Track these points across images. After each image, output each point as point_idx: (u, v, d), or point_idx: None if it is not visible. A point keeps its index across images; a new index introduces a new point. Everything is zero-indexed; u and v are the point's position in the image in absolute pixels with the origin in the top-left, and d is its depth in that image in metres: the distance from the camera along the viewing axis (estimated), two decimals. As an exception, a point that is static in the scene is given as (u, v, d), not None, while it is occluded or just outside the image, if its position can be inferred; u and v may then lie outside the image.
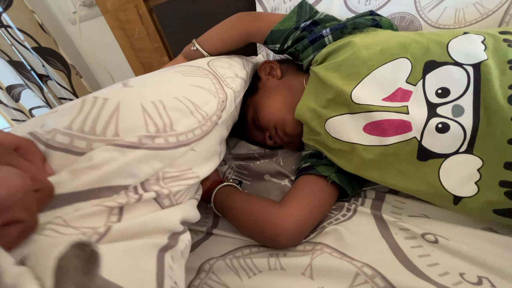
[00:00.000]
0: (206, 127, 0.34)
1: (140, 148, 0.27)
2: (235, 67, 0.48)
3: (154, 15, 0.88)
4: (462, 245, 0.30)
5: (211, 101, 0.37)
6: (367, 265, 0.31)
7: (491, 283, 0.27)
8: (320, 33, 0.48)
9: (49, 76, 0.96)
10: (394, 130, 0.35)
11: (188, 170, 0.32)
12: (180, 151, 0.30)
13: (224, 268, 0.35)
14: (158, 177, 0.28)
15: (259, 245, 0.38)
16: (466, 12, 0.56)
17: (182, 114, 0.32)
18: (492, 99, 0.29)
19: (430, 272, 0.29)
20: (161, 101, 0.31)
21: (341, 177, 0.43)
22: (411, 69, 0.36)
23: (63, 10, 0.97)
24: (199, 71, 0.42)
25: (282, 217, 0.37)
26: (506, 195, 0.28)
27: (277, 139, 0.53)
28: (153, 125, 0.29)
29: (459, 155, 0.31)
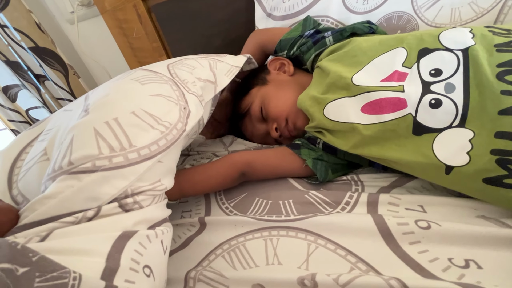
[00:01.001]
0: (172, 136, 0.35)
1: (96, 171, 0.28)
2: (198, 70, 0.47)
3: (152, 15, 0.91)
4: (452, 230, 0.32)
5: (172, 109, 0.37)
6: (361, 260, 0.33)
7: (477, 264, 0.29)
8: (322, 35, 0.56)
9: (46, 76, 0.98)
10: (391, 108, 0.39)
11: (157, 182, 0.33)
12: (145, 165, 0.31)
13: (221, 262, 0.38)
14: (127, 194, 0.30)
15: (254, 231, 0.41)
16: (462, 11, 0.59)
17: (140, 129, 0.33)
18: (483, 75, 0.34)
19: (421, 259, 0.31)
20: (116, 119, 0.32)
21: (317, 163, 0.48)
22: (407, 55, 0.41)
23: (60, 10, 1.00)
24: (157, 77, 0.41)
25: (236, 155, 0.49)
26: (496, 163, 0.31)
27: (285, 131, 0.56)
28: (107, 147, 0.30)
29: (452, 129, 0.34)
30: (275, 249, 0.37)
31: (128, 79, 0.40)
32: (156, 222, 0.33)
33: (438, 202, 0.38)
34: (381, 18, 0.67)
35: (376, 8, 0.68)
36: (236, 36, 0.89)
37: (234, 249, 0.39)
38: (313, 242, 0.37)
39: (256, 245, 0.39)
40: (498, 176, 0.31)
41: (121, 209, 0.29)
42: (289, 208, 0.43)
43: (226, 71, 0.52)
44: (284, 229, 0.40)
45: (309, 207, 0.43)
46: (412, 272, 0.31)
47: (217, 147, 0.68)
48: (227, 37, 0.90)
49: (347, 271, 0.33)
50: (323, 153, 0.49)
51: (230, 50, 0.92)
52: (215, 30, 0.89)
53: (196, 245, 0.42)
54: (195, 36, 0.91)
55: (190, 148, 0.72)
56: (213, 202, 0.50)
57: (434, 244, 0.32)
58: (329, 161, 0.49)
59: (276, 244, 0.38)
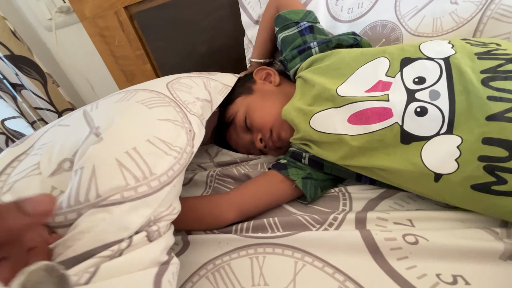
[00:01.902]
0: (184, 160, 0.36)
1: (125, 202, 0.29)
2: (195, 89, 0.49)
3: (135, 22, 0.90)
4: (440, 243, 0.32)
5: (180, 133, 0.38)
6: (349, 279, 0.33)
7: (465, 280, 0.30)
8: (308, 45, 0.56)
9: (23, 85, 0.95)
10: (377, 117, 0.39)
11: (171, 206, 0.34)
12: (165, 191, 0.32)
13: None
14: (150, 222, 0.31)
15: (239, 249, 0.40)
16: (443, 21, 0.60)
17: (157, 156, 0.34)
18: (468, 81, 0.34)
19: (408, 275, 0.31)
20: (134, 149, 0.33)
21: (307, 182, 0.47)
22: (389, 65, 0.42)
23: (38, 17, 0.97)
24: (160, 99, 0.42)
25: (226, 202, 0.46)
26: (484, 169, 0.31)
27: (269, 142, 0.56)
28: (132, 177, 0.30)
29: (440, 136, 0.34)
30: (261, 268, 0.37)
31: (133, 102, 0.40)
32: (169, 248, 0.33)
33: (426, 216, 0.38)
34: (366, 27, 0.69)
35: (361, 16, 0.70)
36: (221, 43, 0.89)
37: (219, 269, 0.38)
38: (300, 259, 0.36)
39: (242, 264, 0.38)
40: (486, 182, 0.32)
41: (147, 238, 0.30)
42: (274, 226, 0.42)
43: (219, 90, 0.54)
44: (270, 246, 0.39)
45: (295, 224, 0.42)
46: (400, 290, 0.31)
47: (203, 159, 0.68)
48: (212, 45, 0.90)
49: (335, 290, 0.32)
50: (311, 170, 0.49)
51: (215, 57, 0.92)
52: (199, 37, 0.89)
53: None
54: (179, 43, 0.91)
55: None
56: None
57: (422, 259, 0.32)
58: (318, 179, 0.48)
59: (262, 263, 0.37)
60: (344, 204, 0.46)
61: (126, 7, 0.87)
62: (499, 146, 0.31)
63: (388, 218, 0.39)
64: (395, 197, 0.44)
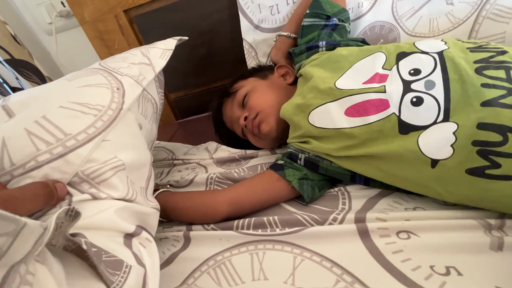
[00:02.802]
0: (108, 116, 0.39)
1: (42, 165, 0.32)
2: (131, 58, 0.52)
3: (134, 26, 0.92)
4: (433, 237, 0.34)
5: (102, 93, 0.41)
6: (346, 272, 0.35)
7: (457, 271, 0.31)
8: (317, 44, 0.59)
9: (23, 89, 0.98)
10: (374, 109, 0.41)
11: (113, 158, 0.36)
12: (87, 147, 0.35)
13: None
14: (79, 177, 0.33)
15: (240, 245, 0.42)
16: (439, 22, 0.63)
17: (72, 118, 0.36)
18: (462, 71, 0.36)
19: (404, 268, 0.33)
20: (44, 117, 0.35)
21: (303, 183, 0.49)
22: (386, 59, 0.45)
23: (38, 21, 1.00)
24: (87, 72, 0.45)
25: (219, 198, 0.48)
26: (477, 153, 0.33)
27: (250, 125, 0.60)
28: (43, 142, 0.33)
29: (437, 125, 0.36)
30: (261, 263, 0.38)
31: (58, 80, 0.45)
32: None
33: (424, 216, 0.39)
34: (366, 27, 0.71)
35: (360, 16, 0.72)
36: (220, 45, 0.92)
37: (220, 265, 0.40)
38: (299, 255, 0.38)
39: (242, 260, 0.39)
40: (480, 166, 0.33)
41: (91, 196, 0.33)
42: (274, 224, 0.44)
43: (160, 54, 0.58)
44: (270, 242, 0.41)
45: (295, 222, 0.44)
46: (396, 282, 0.32)
47: (202, 155, 0.70)
48: (211, 47, 0.92)
49: (332, 283, 0.34)
50: (307, 171, 0.51)
51: (214, 60, 0.94)
52: (198, 40, 0.91)
53: (181, 261, 0.42)
54: (178, 46, 0.93)
55: (175, 157, 0.74)
56: None
57: (416, 252, 0.34)
58: (314, 179, 0.50)
59: (262, 258, 0.39)
60: (344, 203, 0.48)
61: (126, 10, 0.89)
62: (494, 131, 0.32)
63: (387, 219, 0.40)
64: (394, 195, 0.46)
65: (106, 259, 0.27)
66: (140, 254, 0.33)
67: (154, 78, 0.53)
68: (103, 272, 0.25)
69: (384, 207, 0.44)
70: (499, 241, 0.32)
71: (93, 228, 0.31)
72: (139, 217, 0.37)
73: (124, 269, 0.28)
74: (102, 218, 0.32)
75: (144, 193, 0.42)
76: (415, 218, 0.39)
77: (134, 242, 0.34)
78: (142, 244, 0.35)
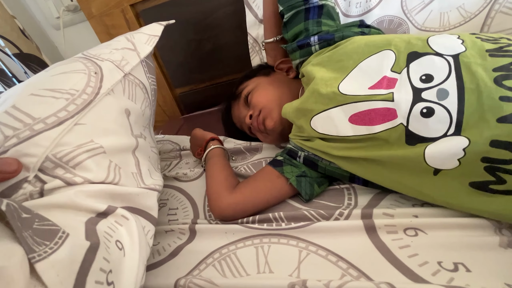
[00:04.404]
0: (82, 100, 0.38)
1: (7, 150, 0.32)
2: (114, 44, 0.52)
3: (141, 20, 0.93)
4: (440, 235, 0.34)
5: (77, 78, 0.41)
6: (352, 266, 0.35)
7: (466, 267, 0.31)
8: (308, 41, 0.54)
9: (31, 83, 0.99)
10: (380, 119, 0.38)
11: (89, 142, 0.36)
12: (57, 130, 0.35)
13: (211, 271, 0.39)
14: (51, 161, 0.33)
15: (245, 239, 0.42)
16: (450, 16, 0.62)
17: (41, 103, 0.36)
18: (480, 80, 0.33)
19: (411, 263, 0.33)
20: (13, 106, 0.35)
21: (301, 180, 0.48)
22: (395, 59, 0.40)
23: (46, 16, 1.01)
24: (67, 61, 0.46)
25: (226, 201, 0.48)
26: (485, 169, 0.32)
27: (255, 121, 0.60)
28: (9, 129, 0.33)
29: (447, 138, 0.33)
30: (266, 256, 0.38)
31: (36, 74, 0.45)
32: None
33: (431, 212, 0.39)
34: (374, 22, 0.71)
35: (368, 11, 0.71)
36: (226, 40, 0.92)
37: (225, 257, 0.40)
38: (304, 248, 0.38)
39: (247, 253, 0.40)
40: (485, 181, 0.32)
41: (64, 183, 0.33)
42: (280, 219, 0.44)
43: (146, 40, 0.58)
44: (275, 236, 0.41)
45: (301, 218, 0.44)
46: (402, 277, 0.32)
47: None
48: (217, 42, 0.92)
49: (338, 277, 0.34)
50: (306, 169, 0.50)
51: (220, 54, 0.94)
52: (204, 35, 0.91)
53: (186, 254, 0.43)
54: (184, 40, 0.93)
55: (183, 147, 0.75)
56: (201, 217, 0.52)
57: (424, 248, 0.34)
58: (312, 176, 0.50)
59: (268, 252, 0.39)
60: (349, 198, 0.47)
61: (133, 5, 0.90)
62: (506, 149, 0.30)
63: (395, 215, 0.40)
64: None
65: (37, 227, 0.26)
66: (112, 232, 0.33)
67: (140, 62, 0.53)
68: (23, 239, 0.24)
69: (391, 202, 0.44)
70: (509, 238, 0.32)
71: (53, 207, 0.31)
72: (119, 197, 0.37)
73: (56, 239, 0.26)
74: (60, 197, 0.32)
75: (139, 177, 0.42)
76: (423, 215, 0.39)
77: (106, 221, 0.34)
78: (118, 222, 0.35)
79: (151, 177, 0.45)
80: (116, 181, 0.37)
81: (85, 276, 0.26)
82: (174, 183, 0.63)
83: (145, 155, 0.48)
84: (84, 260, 0.26)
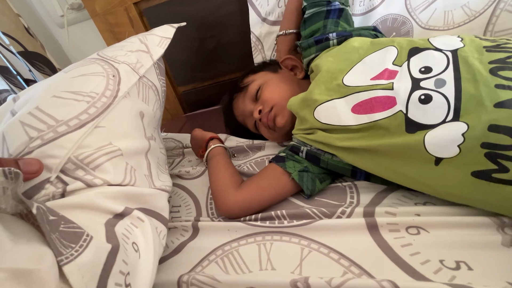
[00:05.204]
0: (102, 103, 0.39)
1: (32, 151, 0.33)
2: (128, 46, 0.53)
3: (144, 18, 0.93)
4: (442, 234, 0.34)
5: (97, 81, 0.42)
6: (354, 264, 0.35)
7: (468, 266, 0.31)
8: (327, 36, 0.57)
9: (35, 81, 1.00)
10: (381, 106, 0.40)
11: (108, 145, 0.37)
12: (79, 132, 0.36)
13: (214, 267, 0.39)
14: (73, 162, 0.34)
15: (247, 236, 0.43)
16: (454, 14, 0.61)
17: (64, 106, 0.37)
18: (476, 71, 0.35)
19: (412, 261, 0.33)
20: (37, 107, 0.36)
21: (303, 175, 0.49)
22: (397, 54, 0.44)
23: (50, 14, 1.02)
24: (84, 62, 0.46)
25: (232, 199, 0.48)
26: (486, 156, 0.32)
27: (265, 117, 0.60)
28: (34, 130, 0.34)
29: (446, 124, 0.34)
30: (268, 254, 0.39)
31: (57, 73, 0.45)
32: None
33: (434, 211, 0.39)
34: (377, 20, 0.70)
35: (372, 9, 0.71)
36: (229, 39, 0.92)
37: (228, 254, 0.40)
38: (306, 246, 0.38)
39: (250, 250, 0.40)
40: (487, 170, 0.32)
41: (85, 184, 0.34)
42: (282, 216, 0.45)
43: (158, 42, 0.59)
44: (277, 234, 0.41)
45: (303, 216, 0.44)
46: (404, 275, 0.32)
47: None
48: (220, 40, 0.93)
49: (340, 274, 0.34)
50: (308, 164, 0.51)
51: (222, 53, 0.94)
52: (207, 33, 0.91)
53: (189, 250, 0.43)
54: (187, 39, 0.94)
55: (186, 144, 0.76)
56: (203, 214, 0.52)
57: (425, 246, 0.34)
58: (314, 172, 0.50)
59: (270, 249, 0.39)
60: (352, 197, 0.47)
61: (136, 3, 0.90)
62: (505, 134, 0.31)
63: (397, 213, 0.40)
64: (403, 190, 0.45)
65: (63, 229, 0.26)
66: (129, 233, 0.33)
67: (153, 65, 0.53)
68: (52, 242, 0.24)
69: (393, 201, 0.44)
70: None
71: (74, 207, 0.32)
72: (135, 198, 0.38)
73: (81, 242, 0.26)
74: (81, 198, 0.33)
75: (150, 179, 0.42)
76: (425, 214, 0.39)
77: (123, 222, 0.34)
78: (134, 224, 0.35)
79: (159, 179, 0.46)
80: (132, 184, 0.38)
81: (107, 279, 0.26)
82: (177, 180, 0.64)
83: (155, 157, 0.49)
84: (106, 263, 0.27)
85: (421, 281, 0.31)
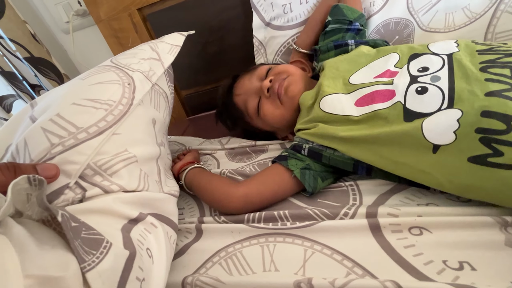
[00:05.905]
0: (118, 110, 0.40)
1: (54, 157, 0.34)
2: (141, 53, 0.54)
3: (148, 24, 0.94)
4: (445, 234, 0.34)
5: (114, 89, 0.43)
6: (357, 265, 0.35)
7: (471, 266, 0.31)
8: (346, 42, 0.63)
9: (41, 86, 1.01)
10: (381, 98, 0.44)
11: (124, 151, 0.38)
12: (98, 139, 0.36)
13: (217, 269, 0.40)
14: (92, 168, 0.35)
15: (251, 238, 0.43)
16: (455, 16, 0.62)
17: (83, 113, 0.38)
18: (467, 69, 0.39)
19: (416, 262, 0.33)
20: (58, 114, 0.37)
21: (305, 173, 0.49)
22: (399, 59, 0.49)
23: (55, 20, 1.04)
24: (99, 70, 0.47)
25: (235, 195, 0.49)
26: (480, 141, 0.33)
27: (276, 84, 0.60)
28: (56, 137, 0.35)
29: (441, 111, 0.37)
30: (272, 255, 0.39)
31: (73, 80, 0.47)
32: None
33: (437, 212, 0.39)
34: (379, 25, 0.71)
35: (373, 15, 0.72)
36: (231, 43, 0.93)
37: (231, 256, 0.40)
38: (309, 247, 0.39)
39: (253, 251, 0.40)
40: (483, 154, 0.33)
41: (103, 191, 0.35)
42: (285, 218, 0.45)
43: (168, 50, 0.60)
44: (281, 235, 0.42)
45: (305, 217, 0.44)
46: (407, 276, 0.32)
47: (215, 146, 0.74)
48: (222, 44, 0.94)
49: (343, 275, 0.34)
50: (310, 161, 0.52)
51: (225, 57, 0.95)
52: (210, 37, 0.92)
53: (193, 252, 0.43)
54: (190, 43, 0.94)
55: (189, 147, 0.77)
56: (207, 214, 0.53)
57: (428, 247, 0.34)
58: (316, 170, 0.51)
59: (273, 251, 0.40)
60: (354, 198, 0.47)
61: (140, 9, 0.92)
62: (498, 120, 0.33)
63: (399, 214, 0.40)
64: (406, 192, 0.45)
65: (85, 236, 0.27)
66: (143, 239, 0.34)
67: (163, 72, 0.54)
68: (75, 249, 0.25)
69: (396, 202, 0.44)
70: (515, 237, 0.32)
71: (92, 212, 0.33)
72: (148, 203, 0.39)
73: (101, 249, 0.27)
74: (99, 203, 0.34)
75: (160, 185, 0.43)
76: (428, 214, 0.39)
77: (137, 228, 0.35)
78: (147, 229, 0.36)
79: (167, 184, 0.47)
80: (146, 190, 0.39)
81: (124, 285, 0.27)
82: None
83: (163, 163, 0.50)
84: (124, 269, 0.28)
85: (424, 282, 0.31)
